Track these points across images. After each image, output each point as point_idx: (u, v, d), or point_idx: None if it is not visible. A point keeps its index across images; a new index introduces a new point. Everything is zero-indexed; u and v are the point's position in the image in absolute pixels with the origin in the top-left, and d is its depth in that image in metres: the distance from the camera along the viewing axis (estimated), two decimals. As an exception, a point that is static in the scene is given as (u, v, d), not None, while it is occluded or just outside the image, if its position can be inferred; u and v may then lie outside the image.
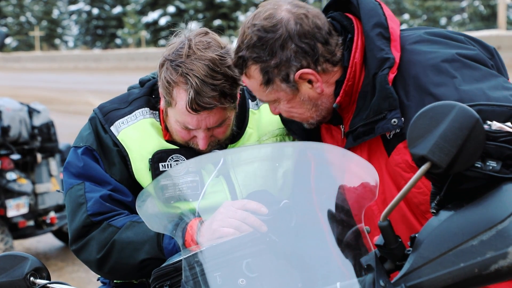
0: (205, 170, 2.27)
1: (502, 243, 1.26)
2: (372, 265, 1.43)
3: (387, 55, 2.18)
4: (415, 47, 2.23)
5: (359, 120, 2.23)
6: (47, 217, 7.63)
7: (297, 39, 2.17)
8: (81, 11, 70.55)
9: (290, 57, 2.18)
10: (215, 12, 50.85)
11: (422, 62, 2.17)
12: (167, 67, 2.32)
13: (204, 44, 2.32)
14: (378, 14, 2.25)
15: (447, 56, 2.15)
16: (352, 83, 2.24)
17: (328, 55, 2.22)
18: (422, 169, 1.32)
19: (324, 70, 2.23)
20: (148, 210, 1.96)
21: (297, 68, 2.20)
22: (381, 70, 2.16)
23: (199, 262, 1.78)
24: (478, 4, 45.88)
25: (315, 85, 2.24)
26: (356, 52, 2.23)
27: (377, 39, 2.21)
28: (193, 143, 2.42)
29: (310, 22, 2.19)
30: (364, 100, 2.22)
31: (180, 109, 2.32)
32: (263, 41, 2.17)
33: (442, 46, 2.22)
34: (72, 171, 2.45)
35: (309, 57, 2.19)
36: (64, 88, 29.25)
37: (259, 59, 2.19)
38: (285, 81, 2.22)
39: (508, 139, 1.35)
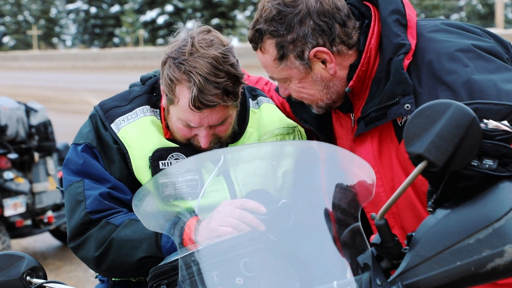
0: (204, 169, 2.27)
1: (499, 242, 1.27)
2: (369, 263, 1.43)
3: (403, 41, 2.18)
4: (431, 35, 2.23)
5: (372, 105, 2.23)
6: (44, 216, 7.63)
7: (316, 17, 2.18)
8: (79, 10, 70.47)
9: (307, 34, 2.19)
10: (213, 11, 50.82)
11: (436, 50, 2.17)
12: (170, 65, 2.32)
13: (207, 42, 2.32)
14: (395, 1, 2.26)
15: (462, 46, 2.16)
16: (366, 68, 2.25)
17: (344, 37, 2.23)
18: (418, 168, 1.32)
19: (339, 52, 2.25)
20: (145, 209, 1.96)
21: (313, 45, 2.21)
22: (397, 55, 2.17)
23: (196, 261, 1.78)
24: (476, 3, 45.92)
25: (328, 65, 2.25)
26: (372, 38, 2.24)
27: (394, 25, 2.22)
28: (194, 141, 2.42)
29: (330, 2, 2.20)
30: (378, 86, 2.22)
31: (183, 107, 2.32)
32: (282, 15, 2.19)
33: (458, 36, 2.23)
34: (72, 168, 2.45)
35: (326, 36, 2.21)
36: (62, 87, 29.24)
37: (275, 33, 2.21)
38: (299, 58, 2.23)
39: (505, 138, 1.35)
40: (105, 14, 68.00)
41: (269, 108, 2.63)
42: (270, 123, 2.58)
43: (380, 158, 2.27)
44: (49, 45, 71.16)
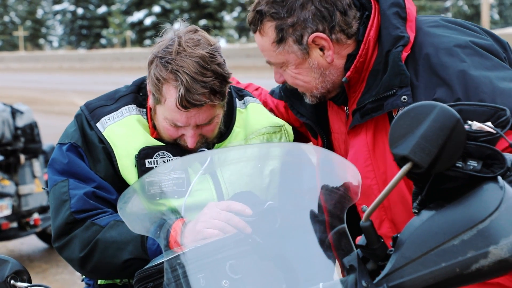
0: (191, 168, 2.27)
1: (483, 243, 1.27)
2: (355, 265, 1.43)
3: (402, 33, 2.19)
4: (430, 30, 2.24)
5: (368, 97, 2.23)
6: (30, 219, 7.59)
7: (318, 2, 2.19)
8: (65, 11, 70.32)
9: (308, 18, 2.20)
10: (201, 12, 50.83)
11: (434, 44, 2.18)
12: (157, 64, 2.31)
13: (194, 42, 2.32)
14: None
15: (460, 42, 2.17)
16: (364, 60, 2.25)
17: (344, 26, 2.24)
18: (403, 169, 1.32)
19: (338, 40, 2.25)
20: (130, 211, 1.95)
21: (312, 30, 2.21)
22: (395, 47, 2.18)
23: (182, 263, 1.77)
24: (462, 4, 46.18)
25: (326, 52, 2.25)
26: (371, 30, 2.24)
27: (393, 18, 2.23)
28: (181, 140, 2.41)
29: None
30: (375, 78, 2.23)
31: (170, 106, 2.31)
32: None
33: (457, 32, 2.24)
34: (57, 168, 2.44)
35: (326, 22, 2.21)
36: (48, 89, 29.14)
37: (276, 15, 2.22)
38: (298, 42, 2.23)
39: (489, 139, 1.35)
40: (92, 15, 67.88)
41: (256, 108, 2.63)
42: (256, 122, 2.58)
43: (374, 151, 2.27)
44: (36, 46, 70.94)
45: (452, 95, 2.08)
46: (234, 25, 49.89)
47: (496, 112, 1.47)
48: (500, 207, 1.29)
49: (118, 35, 55.60)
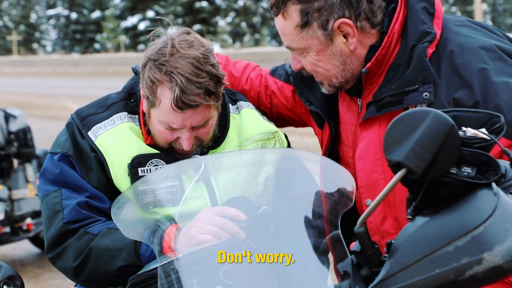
0: (185, 175, 2.26)
1: (477, 249, 1.27)
2: (349, 271, 1.43)
3: (429, 29, 2.17)
4: (457, 28, 2.23)
5: (387, 90, 2.20)
6: (23, 224, 7.56)
7: None
8: (59, 16, 70.26)
9: (335, 3, 2.16)
10: (195, 17, 50.84)
11: (460, 43, 2.16)
12: (150, 67, 2.30)
13: (188, 43, 2.31)
14: None
15: (485, 44, 2.16)
16: (386, 52, 2.22)
17: (370, 14, 2.20)
18: (398, 175, 1.32)
19: (362, 28, 2.21)
20: (124, 217, 1.95)
21: (339, 16, 2.17)
22: (421, 42, 2.16)
23: (176, 269, 1.77)
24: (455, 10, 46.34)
25: (350, 40, 2.21)
26: (396, 23, 2.21)
27: (422, 13, 2.20)
28: (176, 144, 2.40)
29: None
30: (396, 72, 2.20)
31: (165, 108, 2.30)
32: None
33: (482, 34, 2.23)
34: (49, 178, 2.42)
35: (352, 9, 2.17)
36: (42, 93, 29.08)
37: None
38: (323, 27, 2.19)
39: (483, 145, 1.36)
40: (86, 20, 67.85)
41: (249, 114, 2.62)
42: (250, 128, 2.57)
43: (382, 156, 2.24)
44: (29, 51, 70.84)
45: (472, 97, 2.08)
46: (228, 30, 49.93)
47: (490, 118, 1.48)
48: (494, 214, 1.30)
49: (112, 40, 55.57)
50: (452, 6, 47.38)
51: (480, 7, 31.09)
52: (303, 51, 2.28)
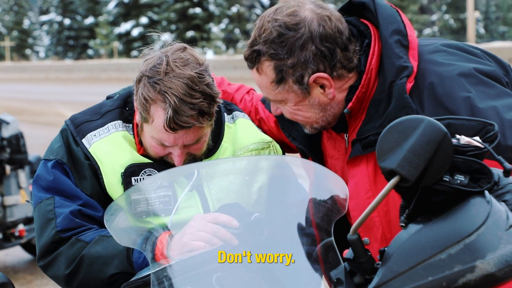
0: (178, 184, 2.25)
1: (470, 257, 1.27)
2: (342, 278, 1.43)
3: (405, 63, 2.14)
4: (433, 57, 2.19)
5: (370, 128, 2.17)
6: (15, 230, 7.52)
7: (318, 41, 2.12)
8: (52, 22, 70.20)
9: (308, 59, 2.13)
10: (188, 23, 50.88)
11: (438, 73, 2.14)
12: (145, 83, 2.28)
13: (183, 61, 2.28)
14: (397, 20, 2.22)
15: (464, 70, 2.13)
16: (365, 89, 2.20)
17: (345, 62, 2.17)
18: (391, 183, 1.32)
19: (339, 76, 2.19)
20: (117, 224, 1.94)
21: (313, 71, 2.14)
22: (399, 78, 2.12)
23: (168, 276, 1.77)
24: (448, 17, 46.54)
25: (327, 90, 2.19)
26: (373, 59, 2.19)
27: (396, 46, 2.17)
28: (167, 158, 2.39)
29: (333, 25, 2.14)
30: (377, 108, 2.17)
31: (157, 127, 2.29)
32: (283, 38, 2.12)
33: (459, 58, 2.20)
34: (42, 185, 2.41)
35: (327, 61, 2.14)
36: (35, 99, 29.03)
37: (275, 56, 2.14)
38: (298, 82, 2.16)
39: (476, 153, 1.36)
40: (79, 26, 67.80)
41: (245, 123, 2.61)
42: (245, 138, 2.56)
43: (375, 182, 2.22)
44: (22, 57, 70.72)
45: None
46: (222, 37, 49.97)
47: (484, 127, 1.48)
48: (487, 222, 1.30)
49: (105, 46, 55.54)
50: (445, 14, 47.58)
51: (472, 15, 31.22)
52: (281, 102, 2.26)
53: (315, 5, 2.16)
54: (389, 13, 2.23)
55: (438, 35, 46.27)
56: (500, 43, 27.56)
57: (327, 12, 2.15)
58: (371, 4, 2.24)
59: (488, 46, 26.27)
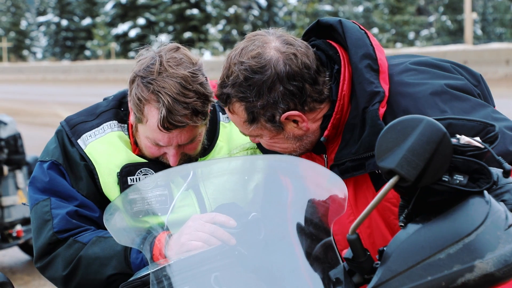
0: (174, 184, 2.25)
1: (469, 257, 1.27)
2: (341, 278, 1.43)
3: (377, 88, 2.12)
4: (403, 78, 2.18)
5: (347, 153, 2.16)
6: (13, 230, 7.51)
7: (286, 81, 2.10)
8: (49, 23, 70.14)
9: (277, 100, 2.11)
10: (185, 24, 50.85)
11: (411, 95, 2.12)
12: (138, 84, 2.28)
13: (176, 61, 2.28)
14: (365, 44, 2.19)
15: (436, 88, 2.11)
16: (340, 116, 2.19)
17: (315, 95, 2.16)
18: (390, 183, 1.32)
19: (311, 109, 2.18)
20: (116, 224, 1.94)
21: (284, 110, 2.13)
22: (372, 104, 2.10)
23: (167, 276, 1.77)
24: (445, 19, 46.57)
25: (300, 124, 2.18)
26: (344, 84, 2.17)
27: (366, 71, 2.14)
28: (163, 158, 2.40)
29: (299, 62, 2.12)
30: (352, 133, 2.16)
31: (151, 127, 2.29)
32: (250, 82, 2.10)
33: (429, 75, 2.18)
34: (38, 186, 2.40)
35: (297, 99, 2.13)
36: (32, 100, 28.99)
37: (245, 98, 2.13)
38: (270, 121, 2.16)
39: (476, 154, 1.36)
40: (77, 27, 67.75)
41: None
42: (240, 137, 2.55)
43: (356, 206, 2.22)
44: (19, 58, 70.67)
45: None
46: (219, 38, 49.93)
47: (485, 127, 1.48)
48: (486, 222, 1.30)
49: (102, 47, 55.48)
50: (442, 15, 47.60)
51: (470, 16, 31.26)
52: (257, 137, 2.26)
53: (280, 41, 2.15)
54: (357, 37, 2.21)
55: (435, 36, 46.29)
56: (497, 45, 27.59)
57: (293, 49, 2.13)
58: (338, 27, 2.23)
59: (485, 47, 26.31)
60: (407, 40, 43.53)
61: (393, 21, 42.87)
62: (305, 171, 1.96)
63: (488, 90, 2.31)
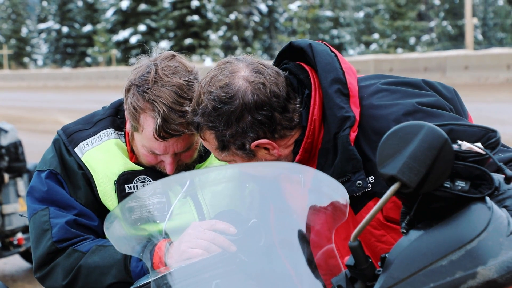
0: (172, 191, 2.25)
1: (471, 263, 1.27)
2: (343, 285, 1.42)
3: (347, 113, 2.11)
4: (375, 100, 2.17)
5: None
6: (14, 238, 7.51)
7: (254, 111, 2.10)
8: (50, 30, 70.30)
9: (246, 129, 2.12)
10: (186, 30, 50.95)
11: (384, 117, 2.12)
12: (133, 93, 2.28)
13: (171, 69, 2.28)
14: (335, 68, 2.19)
15: (408, 108, 2.11)
16: (311, 140, 2.19)
17: (285, 123, 2.16)
18: (391, 189, 1.32)
19: (282, 136, 2.18)
20: (115, 232, 1.94)
21: (253, 138, 2.14)
22: (342, 130, 2.10)
23: (168, 284, 1.76)
24: (446, 24, 46.64)
25: (272, 151, 2.18)
26: (314, 109, 2.17)
27: (336, 96, 2.14)
28: (160, 167, 2.39)
29: (268, 91, 2.11)
30: (326, 158, 2.17)
31: (147, 136, 2.29)
32: (218, 112, 2.10)
33: (401, 95, 2.18)
34: (36, 196, 2.40)
35: (266, 127, 2.13)
36: (33, 107, 29.02)
37: (214, 128, 2.13)
38: (241, 149, 2.16)
39: (477, 160, 1.36)
40: (77, 34, 67.89)
41: None
42: None
43: (336, 229, 2.23)
44: (20, 65, 70.82)
45: None
46: (220, 44, 50.04)
47: (486, 133, 1.47)
48: (488, 228, 1.29)
49: (103, 54, 55.60)
50: (443, 21, 47.69)
51: (470, 21, 31.31)
52: (231, 162, 2.26)
53: (250, 70, 2.14)
54: (327, 61, 2.20)
55: (436, 41, 46.34)
56: (498, 50, 27.65)
57: (262, 78, 2.13)
58: (309, 51, 2.23)
59: (486, 52, 26.34)
60: (408, 45, 43.61)
61: (393, 27, 42.94)
62: (306, 177, 1.96)
63: (461, 104, 2.31)
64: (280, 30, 57.55)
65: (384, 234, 2.15)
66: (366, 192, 2.13)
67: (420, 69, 24.37)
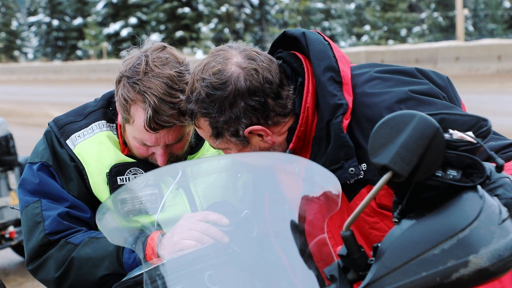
0: (164, 183, 2.25)
1: (463, 252, 1.27)
2: (335, 275, 1.43)
3: (340, 101, 2.13)
4: (367, 88, 2.19)
5: None
6: (6, 232, 7.49)
7: (247, 97, 2.12)
8: (40, 23, 69.96)
9: (240, 115, 2.13)
10: (177, 23, 50.78)
11: (376, 104, 2.13)
12: (124, 84, 2.28)
13: (162, 60, 2.28)
14: (328, 56, 2.20)
15: (400, 96, 2.12)
16: (305, 128, 2.20)
17: (279, 109, 2.17)
18: (383, 179, 1.32)
19: (275, 123, 2.19)
20: (108, 224, 1.94)
21: (247, 125, 2.15)
22: (335, 117, 2.12)
23: (161, 275, 1.76)
24: (437, 15, 46.68)
25: (265, 138, 2.20)
26: (307, 97, 2.18)
27: (329, 84, 2.15)
28: (152, 159, 2.39)
29: (260, 78, 2.13)
30: (319, 145, 2.18)
31: (138, 127, 2.28)
32: (212, 98, 2.12)
33: (393, 83, 2.19)
34: (28, 188, 2.39)
35: (259, 113, 2.15)
36: (24, 100, 28.91)
37: (208, 114, 2.14)
38: (235, 136, 2.17)
39: (469, 148, 1.36)
40: (68, 27, 67.57)
41: None
42: None
43: (330, 217, 2.24)
44: (11, 58, 70.47)
45: None
46: (211, 37, 49.90)
47: (477, 122, 1.48)
48: (480, 216, 1.30)
49: (94, 47, 55.36)
50: (434, 12, 47.71)
51: (461, 12, 31.34)
52: (226, 150, 2.26)
53: (243, 57, 2.16)
54: (320, 49, 2.21)
55: (427, 33, 46.38)
56: (489, 40, 27.68)
57: (254, 64, 2.14)
58: (302, 39, 2.24)
59: (477, 43, 26.38)
60: (399, 37, 43.62)
61: (385, 18, 42.92)
62: (298, 167, 1.96)
63: (455, 92, 2.32)
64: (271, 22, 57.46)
65: (377, 221, 2.16)
66: (359, 179, 2.14)
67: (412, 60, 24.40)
